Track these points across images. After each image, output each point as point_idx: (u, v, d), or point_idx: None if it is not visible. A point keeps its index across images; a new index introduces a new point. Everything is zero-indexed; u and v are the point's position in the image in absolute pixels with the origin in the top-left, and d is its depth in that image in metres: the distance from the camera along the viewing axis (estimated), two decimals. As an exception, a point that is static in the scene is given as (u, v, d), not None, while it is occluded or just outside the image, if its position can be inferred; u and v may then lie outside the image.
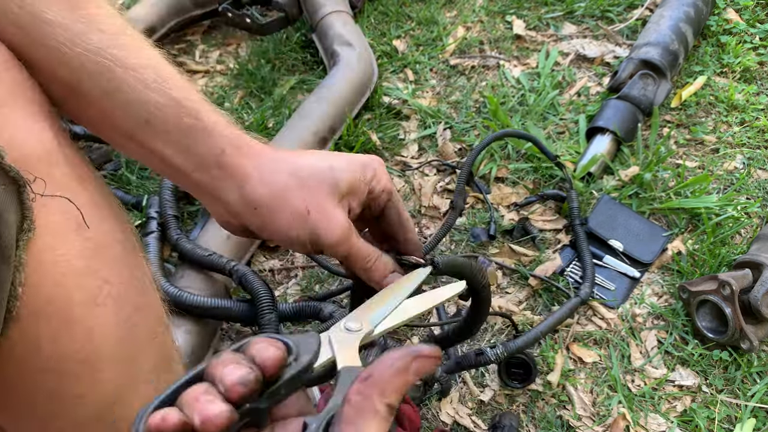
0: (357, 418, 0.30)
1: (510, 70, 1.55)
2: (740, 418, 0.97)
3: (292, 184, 0.52)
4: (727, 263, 1.13)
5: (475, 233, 1.22)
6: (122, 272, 0.53)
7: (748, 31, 1.56)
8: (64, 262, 0.47)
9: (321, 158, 0.54)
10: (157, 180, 1.32)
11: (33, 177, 0.44)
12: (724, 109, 1.41)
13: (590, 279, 1.11)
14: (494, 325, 1.11)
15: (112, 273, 0.52)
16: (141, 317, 0.55)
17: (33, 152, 0.47)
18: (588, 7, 1.66)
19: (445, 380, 0.97)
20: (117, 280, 0.52)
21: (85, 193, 0.51)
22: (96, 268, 0.50)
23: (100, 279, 0.50)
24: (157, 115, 0.51)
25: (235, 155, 0.53)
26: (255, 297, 0.96)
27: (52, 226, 0.47)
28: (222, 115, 0.55)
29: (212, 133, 0.52)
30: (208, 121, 0.53)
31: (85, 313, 0.49)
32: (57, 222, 0.47)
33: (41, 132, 0.48)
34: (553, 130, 1.41)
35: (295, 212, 0.51)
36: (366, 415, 0.30)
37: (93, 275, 0.50)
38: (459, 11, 1.73)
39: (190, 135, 0.52)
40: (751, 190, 1.26)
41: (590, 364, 1.05)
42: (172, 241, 1.08)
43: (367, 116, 1.46)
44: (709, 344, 1.05)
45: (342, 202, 0.53)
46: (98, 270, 0.50)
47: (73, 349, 0.49)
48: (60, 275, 0.47)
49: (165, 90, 0.51)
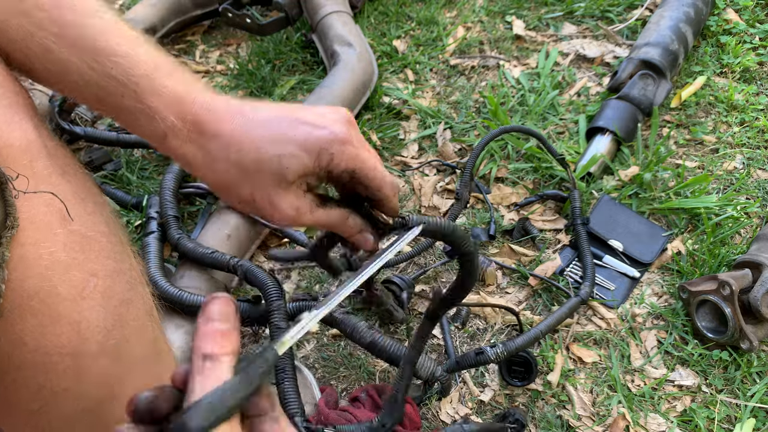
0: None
1: (510, 71, 1.55)
2: (740, 418, 0.97)
3: (236, 176, 0.50)
4: (727, 263, 1.13)
5: (475, 233, 1.22)
6: (108, 265, 0.52)
7: (748, 31, 1.56)
8: (48, 256, 0.47)
9: (273, 139, 0.50)
10: (158, 180, 1.32)
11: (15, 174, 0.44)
12: (723, 110, 1.41)
13: (591, 279, 1.11)
14: (494, 325, 1.11)
15: (98, 266, 0.51)
16: (128, 310, 0.54)
17: (14, 144, 0.46)
18: (588, 8, 1.67)
19: (445, 380, 0.97)
20: (103, 273, 0.51)
21: (68, 185, 0.50)
22: (81, 261, 0.49)
23: (85, 272, 0.50)
24: (104, 97, 0.50)
25: (177, 140, 0.51)
26: (262, 287, 0.97)
27: (36, 220, 0.46)
28: (172, 79, 0.51)
29: (153, 118, 0.50)
30: (149, 102, 0.50)
31: (71, 307, 0.49)
32: (40, 216, 0.47)
33: (22, 124, 0.48)
34: (553, 130, 1.41)
35: (242, 200, 0.51)
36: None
37: (78, 268, 0.49)
38: (459, 11, 1.74)
39: (133, 116, 0.51)
40: (751, 190, 1.26)
41: (590, 364, 1.05)
42: (173, 241, 1.08)
43: (368, 116, 1.46)
44: (708, 344, 1.05)
45: (292, 187, 0.51)
46: (84, 263, 0.50)
47: (59, 343, 0.48)
48: (44, 269, 0.47)
49: (107, 70, 0.50)
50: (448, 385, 0.99)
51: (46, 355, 0.48)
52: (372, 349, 0.96)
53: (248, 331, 1.11)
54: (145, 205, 1.18)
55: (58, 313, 0.48)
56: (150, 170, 1.35)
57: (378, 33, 1.68)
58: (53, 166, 0.49)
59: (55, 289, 0.47)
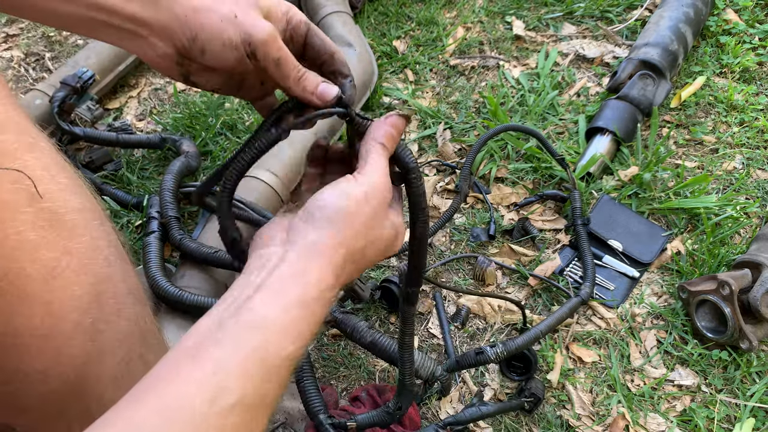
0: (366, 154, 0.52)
1: (510, 71, 1.55)
2: (739, 417, 0.98)
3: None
4: (727, 263, 1.13)
5: (475, 233, 1.22)
6: (83, 242, 0.51)
7: (748, 31, 1.56)
8: (15, 235, 0.46)
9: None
10: (158, 180, 1.32)
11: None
12: (723, 110, 1.41)
13: (591, 279, 1.11)
14: (494, 325, 1.11)
15: (72, 243, 0.50)
16: (106, 288, 0.53)
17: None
18: (587, 8, 1.67)
19: (445, 379, 0.97)
20: (77, 251, 0.50)
21: (37, 162, 0.49)
22: (52, 239, 0.48)
23: (57, 251, 0.49)
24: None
25: None
26: None
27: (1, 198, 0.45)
28: None
29: None
30: None
31: (41, 287, 0.47)
32: (6, 194, 0.46)
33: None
34: (553, 130, 1.41)
35: (224, 17, 0.51)
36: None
37: (48, 247, 0.48)
38: (459, 12, 1.74)
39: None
40: (751, 190, 1.26)
41: (590, 363, 1.05)
42: (175, 241, 1.09)
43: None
44: (708, 344, 1.05)
45: (265, 18, 0.53)
46: (55, 241, 0.49)
47: (31, 324, 0.48)
48: (11, 250, 0.46)
49: None
50: (448, 384, 0.99)
51: (17, 337, 0.47)
52: (372, 348, 0.96)
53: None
54: (146, 204, 1.18)
55: (28, 294, 0.47)
56: (150, 170, 1.35)
57: (378, 33, 1.68)
58: (21, 141, 0.48)
59: (24, 270, 0.46)
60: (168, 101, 1.53)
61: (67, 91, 1.32)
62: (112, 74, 1.48)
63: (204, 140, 1.36)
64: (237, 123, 1.42)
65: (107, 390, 0.55)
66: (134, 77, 1.58)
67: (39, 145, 0.50)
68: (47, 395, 0.52)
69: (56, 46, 1.69)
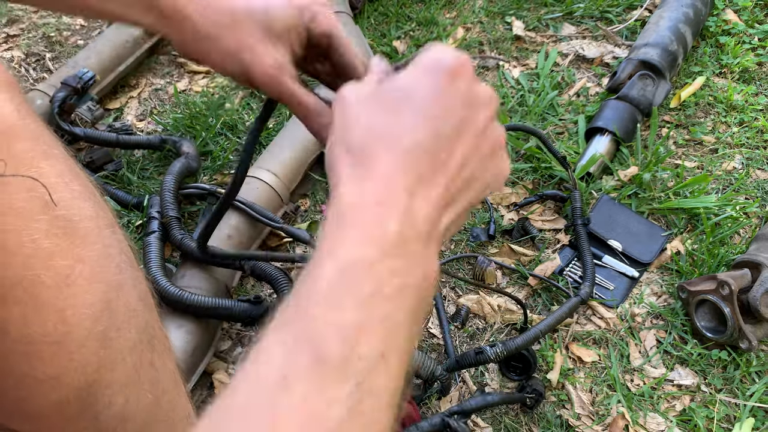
0: None
1: (509, 71, 1.55)
2: (739, 417, 0.98)
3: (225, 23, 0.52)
4: (726, 263, 1.13)
5: (475, 233, 1.22)
6: (95, 249, 0.51)
7: (747, 31, 1.56)
8: (30, 243, 0.46)
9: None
10: (158, 180, 1.32)
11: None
12: (722, 110, 1.41)
13: (591, 279, 1.11)
14: (494, 325, 1.11)
15: (85, 251, 0.50)
16: (117, 295, 0.54)
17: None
18: (587, 8, 1.67)
19: (444, 379, 0.97)
20: (90, 258, 0.50)
21: (51, 169, 0.49)
22: (66, 247, 0.48)
23: (70, 258, 0.49)
24: None
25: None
26: (271, 280, 1.01)
27: (16, 206, 0.45)
28: None
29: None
30: None
31: (55, 294, 0.48)
32: (21, 202, 0.46)
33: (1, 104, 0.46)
34: (553, 130, 1.41)
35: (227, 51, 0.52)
36: None
37: (62, 255, 0.48)
38: (459, 12, 1.74)
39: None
40: (750, 190, 1.27)
41: (589, 363, 1.06)
42: (176, 241, 1.09)
43: (367, 117, 1.46)
44: (708, 344, 1.06)
45: (278, 44, 0.53)
46: (68, 249, 0.49)
47: (44, 331, 0.48)
48: (26, 258, 0.46)
49: None
50: (448, 384, 0.99)
51: (30, 344, 0.48)
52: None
53: (249, 332, 1.11)
54: (146, 205, 1.18)
55: (43, 302, 0.47)
56: (151, 170, 1.35)
57: (378, 33, 1.68)
58: (36, 149, 0.48)
59: (39, 277, 0.46)
60: (168, 101, 1.53)
61: (68, 91, 1.32)
62: (112, 74, 1.49)
63: (204, 140, 1.37)
64: (237, 123, 1.43)
65: (117, 397, 0.55)
66: (134, 77, 1.59)
67: (53, 152, 0.51)
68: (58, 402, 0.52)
69: (57, 46, 1.69)
